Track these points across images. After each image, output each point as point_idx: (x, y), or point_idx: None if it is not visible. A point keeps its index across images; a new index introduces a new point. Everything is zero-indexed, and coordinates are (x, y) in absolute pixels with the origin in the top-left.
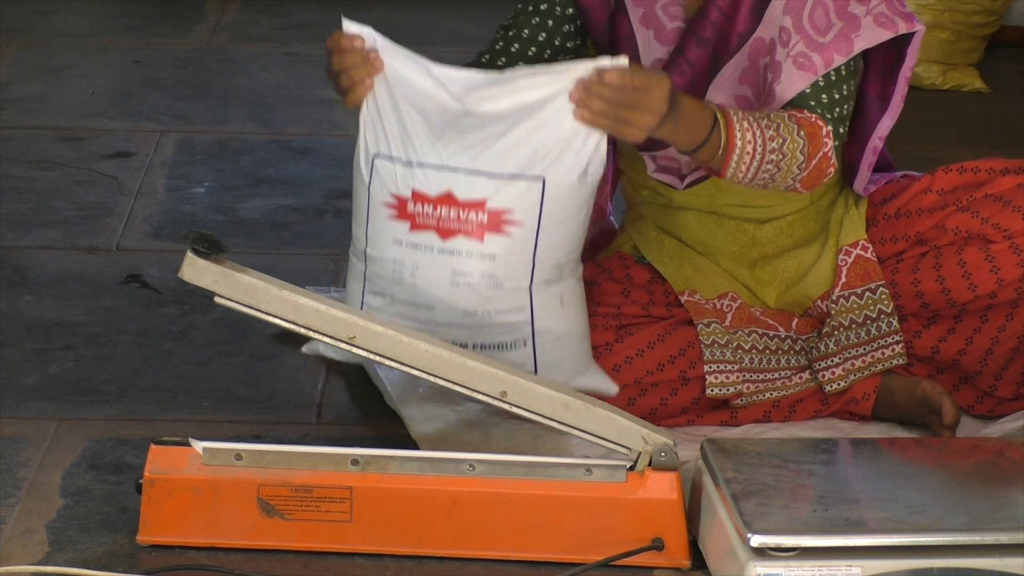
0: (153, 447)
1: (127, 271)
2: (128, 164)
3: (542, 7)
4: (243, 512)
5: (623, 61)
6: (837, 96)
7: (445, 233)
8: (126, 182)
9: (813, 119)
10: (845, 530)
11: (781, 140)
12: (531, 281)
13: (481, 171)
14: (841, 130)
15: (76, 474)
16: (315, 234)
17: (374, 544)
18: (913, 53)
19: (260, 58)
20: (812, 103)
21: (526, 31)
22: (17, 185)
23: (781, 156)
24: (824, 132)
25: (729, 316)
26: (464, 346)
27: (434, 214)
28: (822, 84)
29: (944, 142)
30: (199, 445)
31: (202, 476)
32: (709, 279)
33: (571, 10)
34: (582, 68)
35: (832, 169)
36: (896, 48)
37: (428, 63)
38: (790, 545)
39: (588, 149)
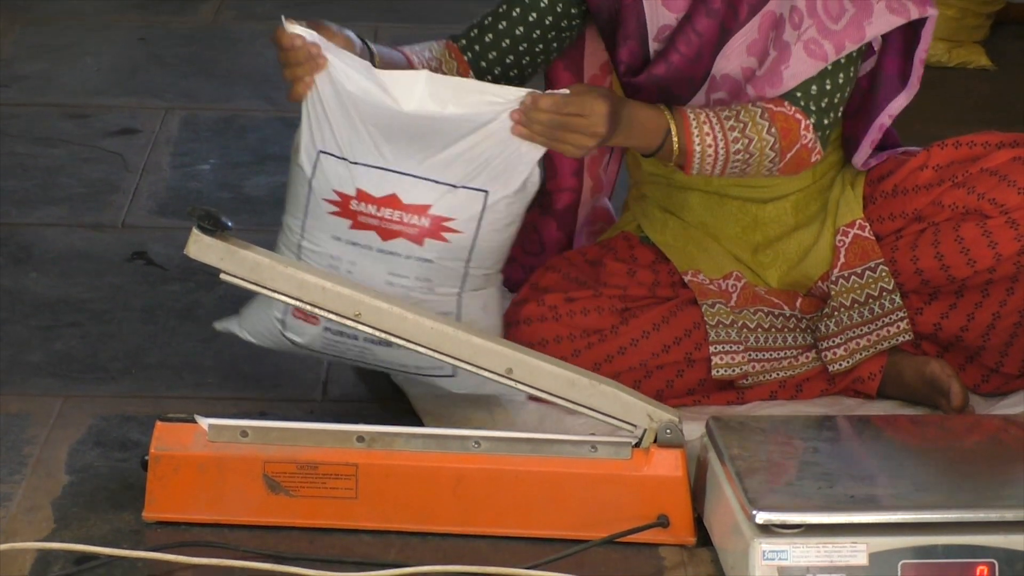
0: (159, 424)
1: (132, 248)
2: (133, 141)
3: None
4: (249, 489)
5: (564, 92)
6: (829, 86)
7: (386, 234)
8: (131, 159)
9: (791, 112)
10: (850, 507)
11: (747, 140)
12: (461, 287)
13: (427, 177)
14: (827, 120)
15: (82, 451)
16: None
17: (379, 521)
18: (927, 35)
19: (265, 35)
20: (798, 94)
21: (532, 14)
22: (22, 162)
23: (748, 155)
24: (803, 126)
25: (734, 296)
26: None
27: (377, 214)
28: (816, 73)
29: (949, 119)
30: (205, 422)
31: (208, 453)
32: (713, 258)
33: None
34: (523, 92)
35: (816, 157)
36: (912, 28)
37: (372, 68)
38: (795, 522)
39: (528, 164)
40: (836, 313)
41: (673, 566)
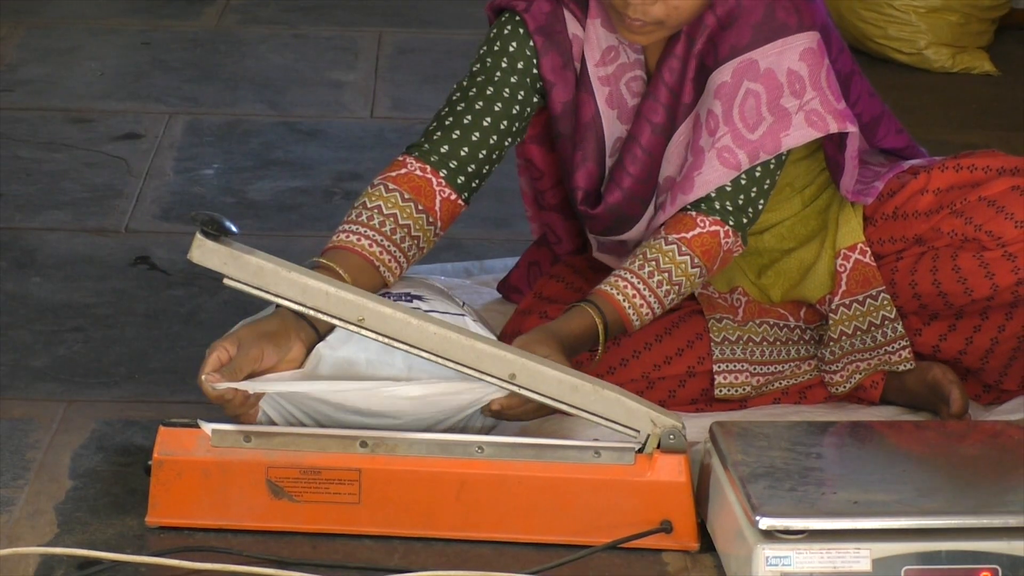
0: (162, 429)
1: (136, 253)
2: (137, 146)
3: (512, 80)
4: (252, 494)
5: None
6: (745, 181)
7: None
8: (135, 164)
9: (707, 228)
10: (853, 513)
11: (676, 286)
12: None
13: None
14: (747, 218)
15: (85, 456)
16: (324, 216)
17: (382, 526)
18: (852, 144)
19: (269, 40)
20: (712, 195)
21: (498, 105)
22: (26, 167)
23: (680, 296)
24: (723, 234)
25: (740, 310)
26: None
27: None
28: (728, 180)
29: (953, 125)
30: (208, 427)
31: (211, 458)
32: (723, 271)
33: (540, 84)
34: (491, 392)
35: (739, 250)
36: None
37: (315, 384)
38: (799, 528)
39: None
40: (832, 343)
41: (676, 571)
